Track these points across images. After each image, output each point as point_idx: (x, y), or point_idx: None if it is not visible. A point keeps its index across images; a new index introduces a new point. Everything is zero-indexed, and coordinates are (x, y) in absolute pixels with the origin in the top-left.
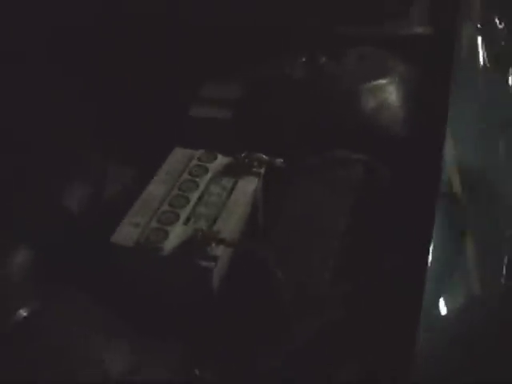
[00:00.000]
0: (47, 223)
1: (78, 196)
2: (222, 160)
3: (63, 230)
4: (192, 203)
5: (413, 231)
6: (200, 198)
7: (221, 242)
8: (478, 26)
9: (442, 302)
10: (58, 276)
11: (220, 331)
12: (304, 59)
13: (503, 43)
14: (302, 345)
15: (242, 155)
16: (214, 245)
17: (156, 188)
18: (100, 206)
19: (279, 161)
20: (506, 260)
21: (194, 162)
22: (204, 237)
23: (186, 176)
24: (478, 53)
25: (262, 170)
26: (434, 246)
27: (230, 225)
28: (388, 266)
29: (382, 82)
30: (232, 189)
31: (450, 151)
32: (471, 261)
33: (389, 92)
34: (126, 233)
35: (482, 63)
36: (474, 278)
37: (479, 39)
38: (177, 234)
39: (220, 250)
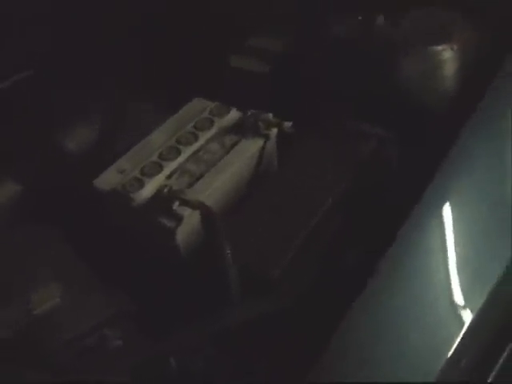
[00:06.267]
0: (43, 160)
1: (87, 135)
2: (233, 116)
3: (60, 168)
4: (182, 157)
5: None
6: (194, 154)
7: (185, 202)
8: None
9: None
10: (41, 213)
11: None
12: (360, 18)
13: None
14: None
15: (249, 113)
16: (177, 204)
17: (157, 136)
18: (109, 150)
19: (288, 124)
20: None
21: (204, 114)
22: (169, 194)
23: (189, 128)
24: None
25: (273, 132)
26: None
27: (211, 186)
28: (350, 263)
29: (435, 49)
30: (231, 148)
31: None
32: None
33: (438, 61)
34: (109, 178)
35: None
36: None
37: None
38: (152, 187)
39: (186, 211)
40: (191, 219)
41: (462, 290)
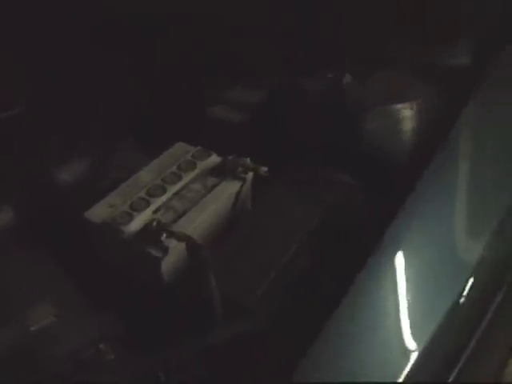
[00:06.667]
0: (37, 191)
1: (78, 171)
2: (214, 159)
3: (52, 200)
4: (167, 195)
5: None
6: (178, 192)
7: (171, 234)
8: None
9: None
10: (36, 240)
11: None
12: (330, 75)
13: None
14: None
15: (229, 158)
16: (164, 236)
17: (144, 175)
18: (97, 185)
19: (264, 169)
20: None
21: (187, 157)
22: (157, 227)
23: (173, 169)
24: None
25: (249, 176)
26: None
27: (194, 222)
28: (325, 293)
29: (396, 107)
30: (212, 188)
31: None
32: None
33: (398, 119)
34: (99, 211)
35: None
36: None
37: None
38: (140, 221)
39: (172, 242)
40: (176, 250)
41: (411, 327)
